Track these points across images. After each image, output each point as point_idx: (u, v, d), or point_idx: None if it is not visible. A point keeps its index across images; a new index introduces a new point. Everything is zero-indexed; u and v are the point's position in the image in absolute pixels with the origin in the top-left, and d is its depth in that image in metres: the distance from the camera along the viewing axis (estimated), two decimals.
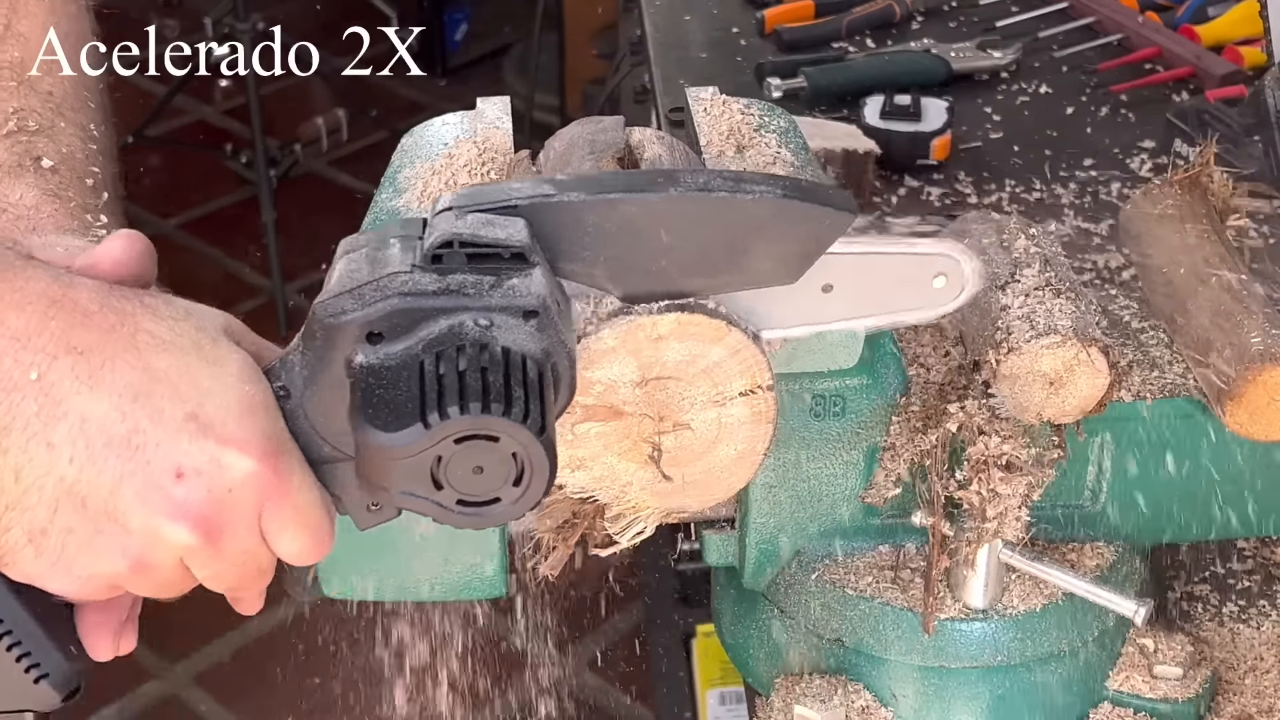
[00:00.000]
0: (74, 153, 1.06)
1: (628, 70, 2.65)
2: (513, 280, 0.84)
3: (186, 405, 0.82)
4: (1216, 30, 2.02)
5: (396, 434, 0.80)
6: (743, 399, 0.93)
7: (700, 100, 1.20)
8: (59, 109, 1.09)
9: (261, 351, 0.89)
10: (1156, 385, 1.14)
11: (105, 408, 0.81)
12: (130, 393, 0.81)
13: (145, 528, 0.82)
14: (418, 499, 0.83)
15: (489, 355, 0.81)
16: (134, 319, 0.84)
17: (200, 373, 0.83)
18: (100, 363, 0.81)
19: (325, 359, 0.84)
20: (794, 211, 0.87)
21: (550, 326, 0.84)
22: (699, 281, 0.89)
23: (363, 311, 0.83)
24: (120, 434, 0.81)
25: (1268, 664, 1.21)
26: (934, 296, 0.96)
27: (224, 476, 0.82)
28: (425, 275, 0.83)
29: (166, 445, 0.81)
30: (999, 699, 1.13)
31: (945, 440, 1.05)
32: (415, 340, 0.82)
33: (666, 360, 0.91)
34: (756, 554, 1.13)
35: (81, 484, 0.81)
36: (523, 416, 0.80)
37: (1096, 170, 1.80)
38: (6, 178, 1.00)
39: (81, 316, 0.82)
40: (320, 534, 0.86)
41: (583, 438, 0.92)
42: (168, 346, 0.83)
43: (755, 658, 1.20)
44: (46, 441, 0.81)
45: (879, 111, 1.82)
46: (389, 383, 0.82)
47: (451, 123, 1.16)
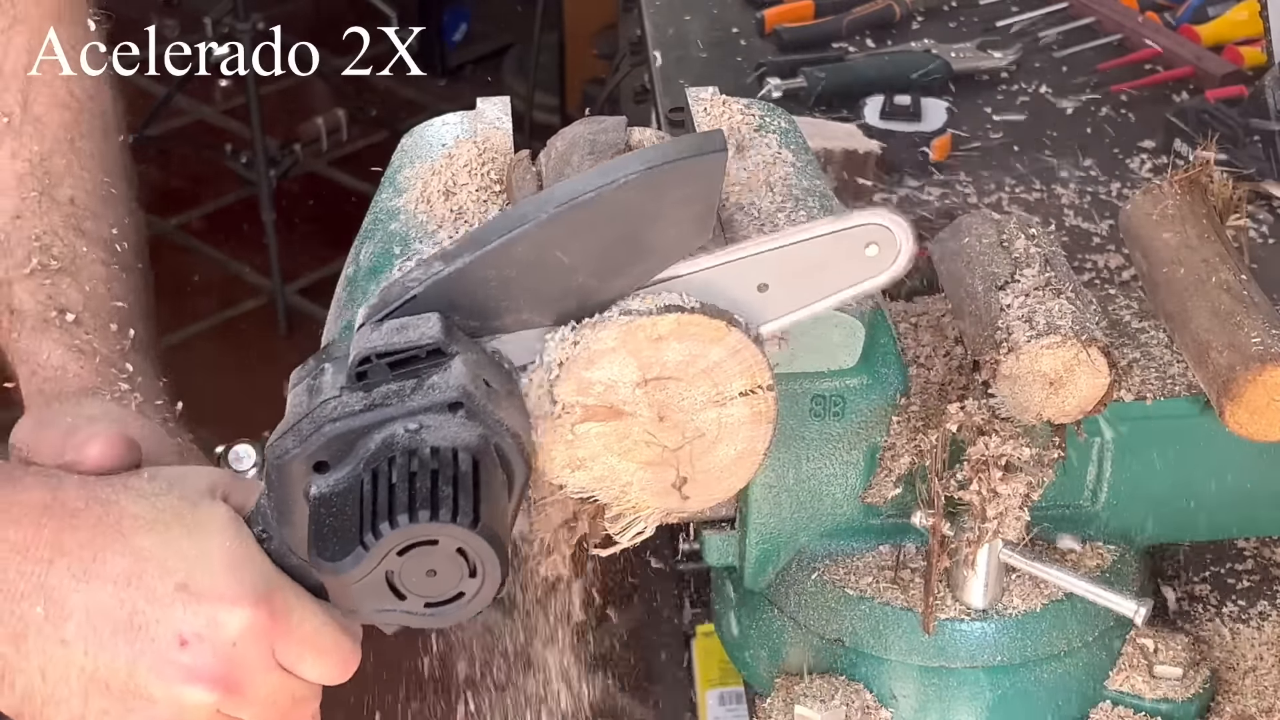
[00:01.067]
0: (96, 288, 1.11)
1: (628, 70, 2.64)
2: (432, 378, 0.85)
3: (175, 577, 0.87)
4: (1216, 30, 2.02)
5: (341, 562, 0.83)
6: (743, 399, 0.93)
7: (700, 100, 1.20)
8: (80, 225, 1.13)
9: (249, 498, 0.93)
10: (1156, 385, 1.14)
11: (104, 597, 0.87)
12: (123, 578, 0.87)
13: (169, 697, 0.88)
14: (387, 612, 0.86)
15: (418, 460, 0.83)
16: (118, 507, 0.89)
17: (183, 543, 0.88)
18: (92, 556, 0.87)
19: (286, 497, 0.87)
20: (666, 178, 0.86)
21: (480, 411, 0.85)
22: (620, 281, 0.89)
23: (302, 447, 0.85)
24: (122, 618, 0.87)
25: (1268, 664, 1.21)
26: (872, 265, 0.94)
27: (224, 633, 0.87)
28: (353, 395, 0.85)
29: (165, 619, 0.87)
30: (999, 699, 1.13)
31: (945, 440, 1.05)
32: (356, 461, 0.84)
33: (666, 360, 0.91)
34: (756, 554, 1.13)
35: (101, 670, 0.87)
36: (451, 515, 0.81)
37: (1096, 170, 1.80)
38: (33, 333, 1.07)
39: (70, 517, 0.88)
40: (340, 651, 0.91)
41: (583, 438, 0.92)
42: (151, 525, 0.89)
43: (755, 658, 1.20)
44: (60, 639, 0.87)
45: (879, 111, 1.83)
46: (338, 510, 0.84)
47: (451, 123, 1.16)
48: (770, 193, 1.09)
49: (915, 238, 0.93)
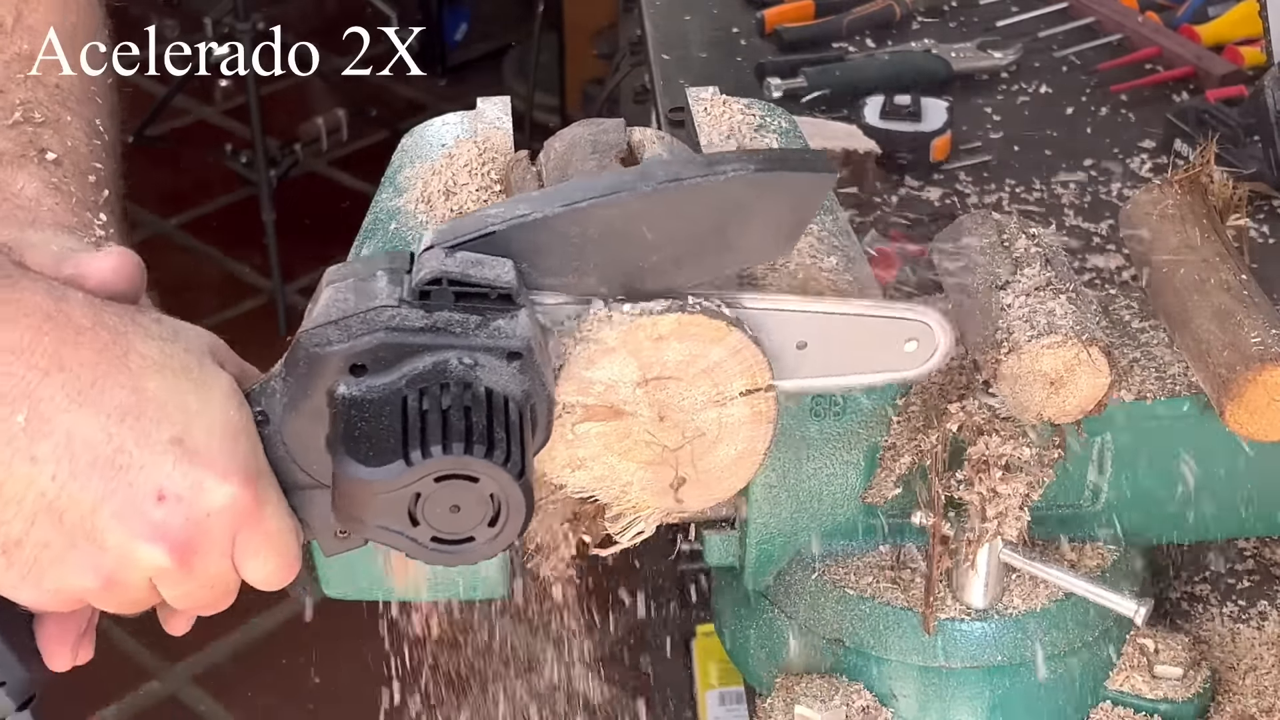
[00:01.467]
0: (78, 146, 1.06)
1: (628, 70, 2.64)
2: (498, 321, 0.84)
3: (173, 429, 0.83)
4: (1216, 30, 2.02)
5: (378, 469, 0.81)
6: (743, 399, 0.93)
7: (700, 100, 1.20)
8: (65, 102, 1.09)
9: (244, 374, 0.90)
10: (1157, 385, 1.14)
11: (93, 427, 0.81)
12: (119, 413, 0.82)
13: (121, 547, 0.83)
14: (393, 533, 0.84)
15: (473, 395, 0.81)
16: (126, 338, 0.84)
17: (188, 397, 0.84)
18: (91, 381, 0.82)
19: (307, 388, 0.85)
20: (771, 183, 0.86)
21: (532, 369, 0.84)
22: (692, 270, 0.89)
23: (348, 343, 0.83)
24: (105, 454, 0.82)
25: (1268, 664, 1.21)
26: (905, 360, 0.97)
27: (204, 501, 0.83)
28: (412, 311, 0.84)
29: (150, 468, 0.82)
30: (999, 699, 1.13)
31: (945, 440, 1.05)
32: (399, 375, 0.83)
33: (667, 360, 0.91)
34: (757, 554, 1.13)
35: (62, 500, 0.82)
36: (504, 459, 0.81)
37: (1096, 170, 1.80)
38: (10, 167, 1.00)
39: (74, 333, 0.82)
40: (289, 559, 0.88)
41: (583, 437, 0.92)
42: (158, 368, 0.84)
43: (755, 658, 1.20)
44: (30, 455, 0.81)
45: (879, 111, 1.82)
46: (371, 416, 0.82)
47: (451, 123, 1.16)
48: None
49: (954, 339, 0.97)
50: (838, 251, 1.05)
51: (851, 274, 1.03)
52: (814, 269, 1.02)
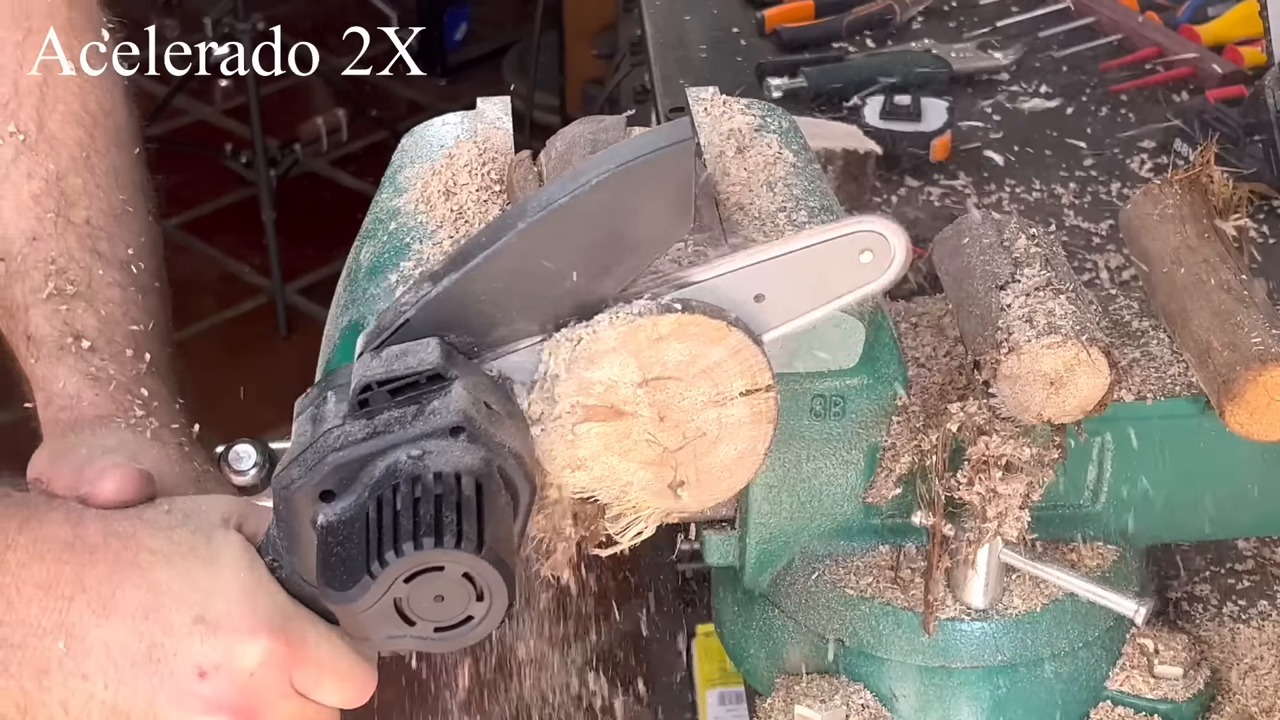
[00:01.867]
0: (112, 313, 1.12)
1: (628, 70, 2.64)
2: (433, 403, 0.85)
3: (192, 610, 0.89)
4: (1216, 30, 2.02)
5: (349, 591, 0.83)
6: (743, 399, 0.93)
7: (700, 100, 1.20)
8: (95, 247, 1.14)
9: (260, 526, 0.94)
10: (1157, 385, 1.14)
11: (123, 632, 0.88)
12: (141, 612, 0.88)
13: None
14: (398, 639, 0.86)
15: (421, 487, 0.83)
16: (134, 541, 0.90)
17: (199, 575, 0.89)
18: (110, 593, 0.88)
19: (295, 527, 0.88)
20: (636, 173, 0.86)
21: (481, 434, 0.85)
22: (608, 280, 0.90)
23: (308, 476, 0.86)
24: (141, 652, 0.88)
25: (1268, 664, 1.21)
26: (867, 271, 0.94)
27: (242, 663, 0.88)
28: (355, 424, 0.86)
29: (183, 651, 0.88)
30: (999, 699, 1.13)
31: (946, 440, 1.05)
32: (361, 488, 0.85)
33: (667, 360, 0.91)
34: (757, 554, 1.13)
35: (121, 703, 0.88)
36: (455, 541, 0.82)
37: (1096, 170, 1.80)
38: (49, 360, 1.08)
39: (89, 554, 0.89)
40: (356, 673, 0.92)
41: (583, 437, 0.92)
42: (167, 558, 0.90)
43: (755, 658, 1.20)
44: (81, 674, 0.88)
45: (879, 111, 1.82)
46: (345, 538, 0.85)
47: (452, 123, 1.16)
48: (770, 193, 1.09)
49: (909, 240, 0.93)
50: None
51: None
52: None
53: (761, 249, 0.93)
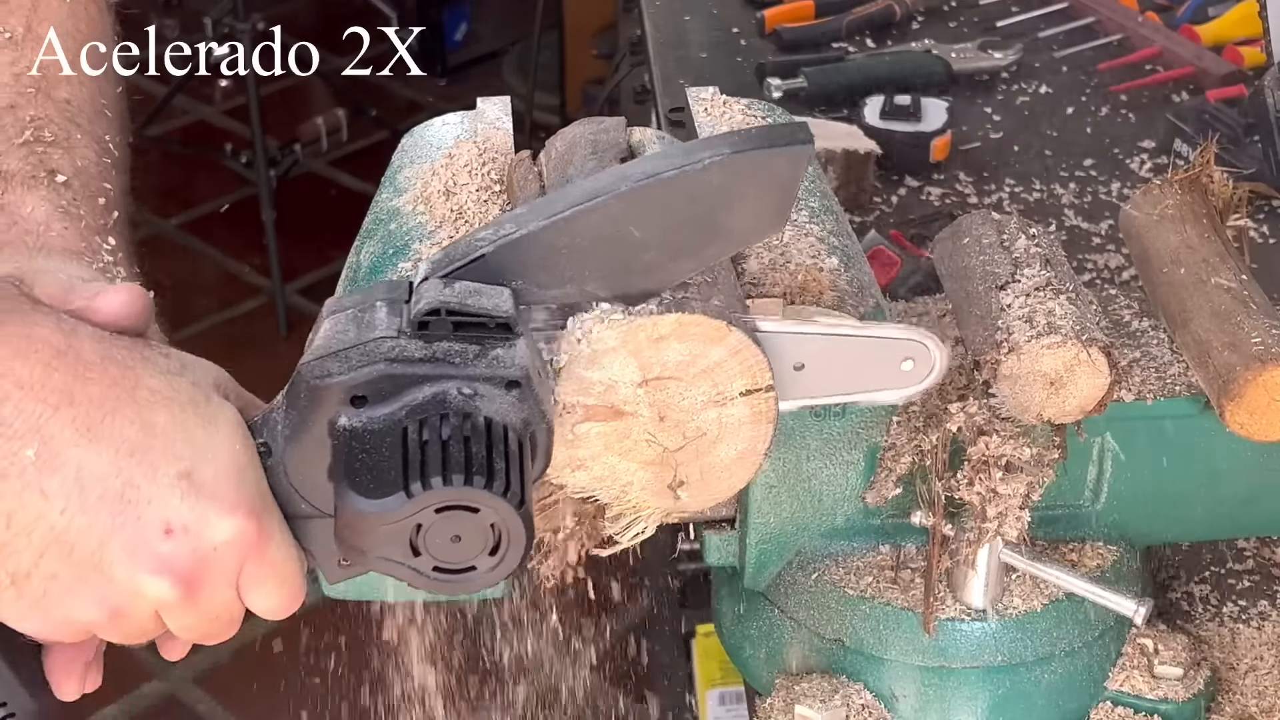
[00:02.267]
0: (88, 166, 1.06)
1: (628, 70, 2.64)
2: (497, 350, 0.85)
3: (180, 463, 0.84)
4: (1216, 30, 2.02)
5: (379, 500, 0.82)
6: (743, 399, 0.93)
7: (700, 100, 1.20)
8: (75, 118, 1.09)
9: (247, 405, 0.90)
10: (1157, 385, 1.14)
11: (102, 461, 0.82)
12: (128, 448, 0.83)
13: (128, 580, 0.84)
14: (394, 564, 0.84)
15: (472, 425, 0.82)
16: (135, 372, 0.85)
17: (195, 431, 0.85)
18: (100, 416, 0.83)
19: (308, 419, 0.85)
20: (750, 164, 0.85)
21: (531, 397, 0.85)
22: (688, 261, 0.89)
23: (349, 375, 0.83)
24: (114, 488, 0.83)
25: (1268, 664, 1.21)
26: (902, 379, 0.98)
27: (210, 535, 0.84)
28: (412, 342, 0.84)
29: (158, 502, 0.83)
30: (999, 699, 1.13)
31: (946, 440, 1.05)
32: (400, 406, 0.83)
33: (667, 360, 0.91)
34: (757, 554, 1.13)
35: (71, 533, 0.83)
36: (504, 490, 0.81)
37: (1096, 170, 1.80)
38: (20, 188, 1.01)
39: (84, 368, 0.83)
40: (293, 590, 0.89)
41: (583, 438, 0.92)
42: (166, 402, 0.85)
43: (755, 658, 1.20)
44: (40, 489, 0.82)
45: (879, 111, 1.83)
46: (372, 447, 0.83)
47: (452, 123, 1.16)
48: None
49: (949, 357, 0.98)
50: (838, 252, 1.05)
51: (851, 275, 1.03)
52: (814, 270, 1.02)
53: (817, 322, 0.95)
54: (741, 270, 1.02)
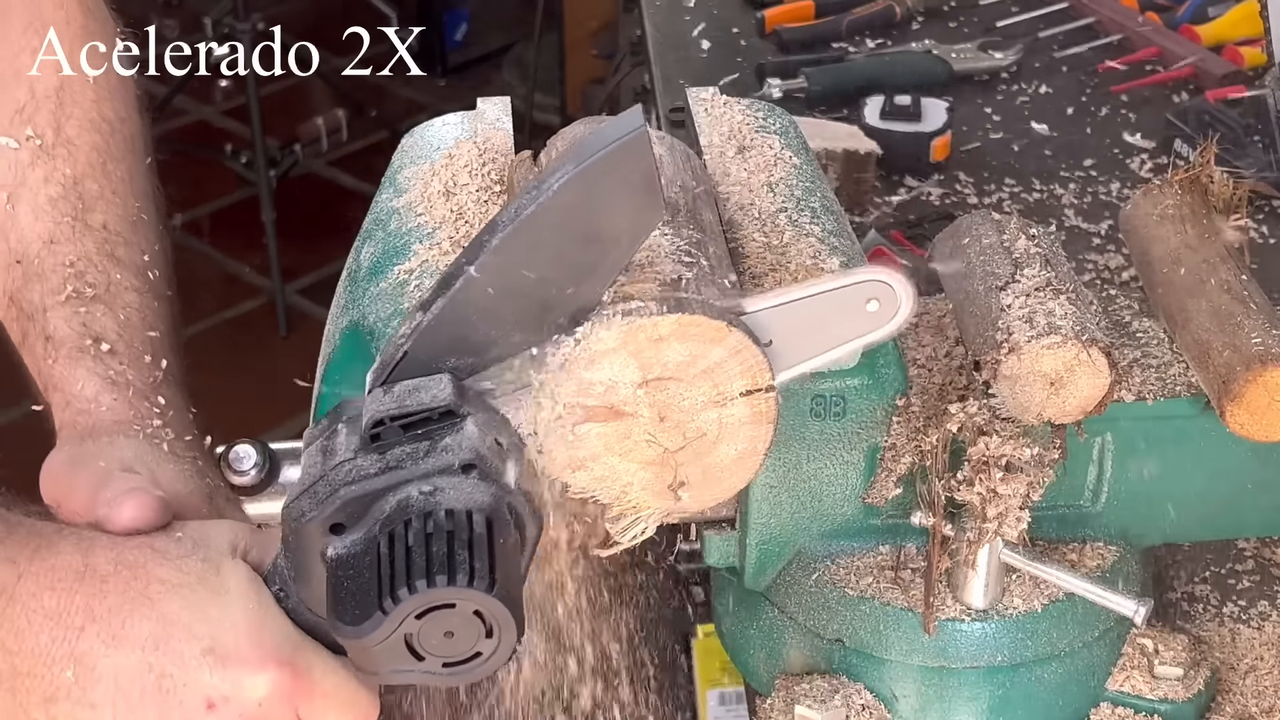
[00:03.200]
0: (130, 317, 1.11)
1: (628, 70, 2.64)
2: (445, 439, 0.86)
3: (202, 642, 0.89)
4: (1216, 30, 2.02)
5: (361, 626, 0.84)
6: (744, 399, 0.93)
7: (701, 100, 1.20)
8: (114, 252, 1.14)
9: (266, 553, 0.94)
10: (1157, 385, 1.14)
11: (132, 662, 0.88)
12: (151, 642, 0.88)
13: None
14: (406, 673, 0.87)
15: (434, 523, 0.83)
16: (145, 571, 0.90)
17: (209, 607, 0.90)
18: (120, 622, 0.88)
19: (303, 558, 0.88)
20: (595, 171, 0.86)
21: (492, 472, 0.86)
22: (594, 280, 0.90)
23: (319, 510, 0.86)
24: (150, 683, 0.88)
25: (1268, 664, 1.21)
26: (873, 320, 0.97)
27: (250, 695, 0.89)
28: (367, 458, 0.86)
29: (192, 683, 0.88)
30: (999, 699, 1.13)
31: (946, 440, 1.05)
32: (372, 522, 0.85)
33: (667, 361, 0.91)
34: (757, 554, 1.13)
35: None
36: (468, 579, 0.82)
37: (1096, 170, 1.80)
38: (67, 361, 1.08)
39: (100, 583, 0.89)
40: (360, 704, 0.92)
41: (583, 438, 0.92)
42: (177, 589, 0.90)
43: (755, 658, 1.20)
44: (89, 704, 0.88)
45: (879, 112, 1.83)
46: (355, 572, 0.85)
47: (452, 123, 1.16)
48: (771, 193, 1.09)
49: (915, 289, 0.96)
50: (839, 253, 1.05)
51: None
52: (814, 270, 1.02)
53: (771, 295, 0.94)
54: (742, 270, 1.02)
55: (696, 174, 1.08)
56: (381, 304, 1.00)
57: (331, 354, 1.01)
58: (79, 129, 1.17)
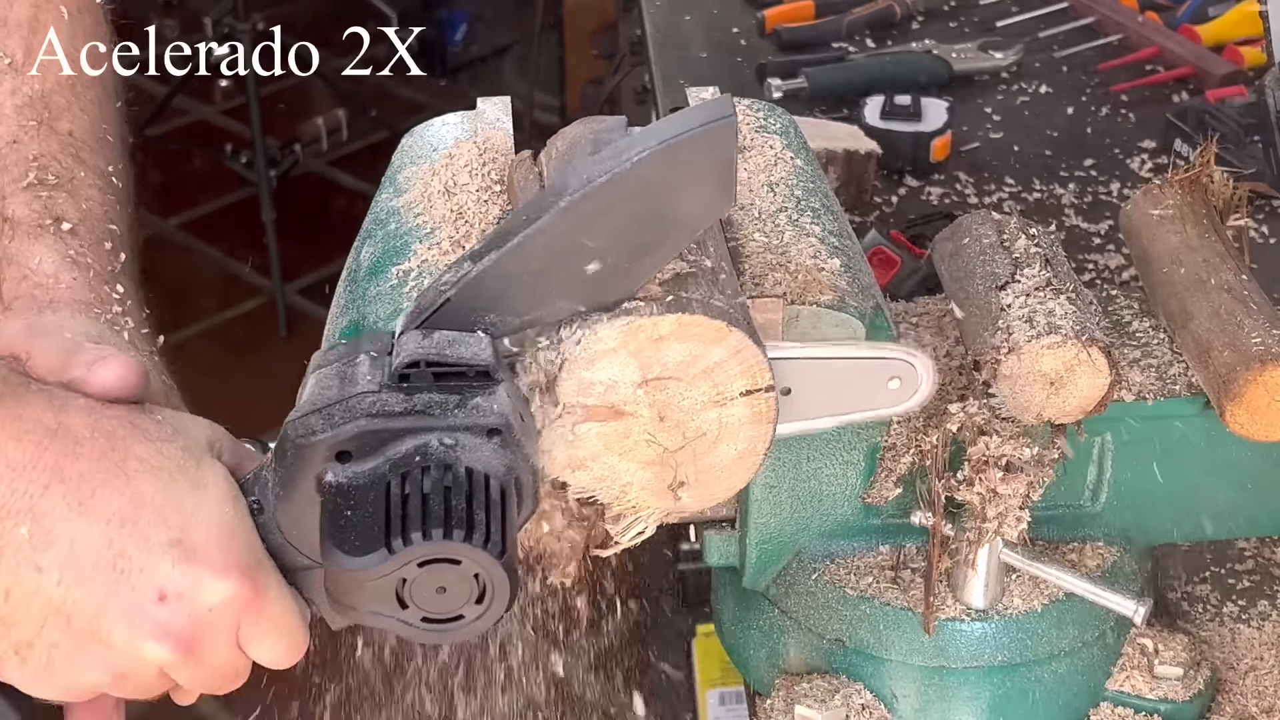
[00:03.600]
0: (93, 208, 1.09)
1: (628, 70, 2.65)
2: (477, 399, 0.85)
3: (171, 531, 0.86)
4: (1216, 30, 2.02)
5: (361, 558, 0.83)
6: (744, 399, 0.93)
7: (700, 100, 1.20)
8: (78, 153, 1.12)
9: (241, 461, 0.92)
10: (1157, 385, 1.14)
11: (94, 534, 0.85)
12: (118, 519, 0.85)
13: (128, 645, 0.87)
14: (384, 617, 0.86)
15: (453, 476, 0.83)
16: (124, 444, 0.87)
17: (185, 498, 0.87)
18: (91, 490, 0.85)
19: (296, 476, 0.87)
20: (678, 150, 0.85)
21: (513, 443, 0.86)
22: (649, 260, 0.89)
23: (331, 432, 0.85)
24: (107, 558, 0.85)
25: (1268, 664, 1.21)
26: (890, 397, 0.98)
27: (204, 598, 0.86)
28: (393, 395, 0.85)
29: (150, 569, 0.86)
30: (999, 699, 1.13)
31: (946, 440, 1.05)
32: (383, 460, 0.84)
33: (668, 361, 0.91)
34: (757, 554, 1.13)
35: (68, 604, 0.85)
36: (484, 541, 0.82)
37: (1096, 170, 1.80)
38: (27, 238, 1.04)
39: (74, 445, 0.86)
40: (295, 639, 0.91)
41: (583, 438, 0.92)
42: (155, 471, 0.87)
43: (755, 658, 1.20)
44: (36, 565, 0.85)
45: (879, 112, 1.83)
46: (356, 502, 0.84)
47: (452, 123, 1.16)
48: (772, 194, 1.09)
49: (937, 373, 0.98)
50: (839, 253, 1.05)
51: (852, 275, 1.03)
52: (814, 270, 1.02)
53: (802, 345, 0.95)
54: (742, 270, 1.01)
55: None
56: (381, 304, 1.00)
57: None
58: (50, 54, 1.15)
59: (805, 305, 1.00)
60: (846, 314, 1.00)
